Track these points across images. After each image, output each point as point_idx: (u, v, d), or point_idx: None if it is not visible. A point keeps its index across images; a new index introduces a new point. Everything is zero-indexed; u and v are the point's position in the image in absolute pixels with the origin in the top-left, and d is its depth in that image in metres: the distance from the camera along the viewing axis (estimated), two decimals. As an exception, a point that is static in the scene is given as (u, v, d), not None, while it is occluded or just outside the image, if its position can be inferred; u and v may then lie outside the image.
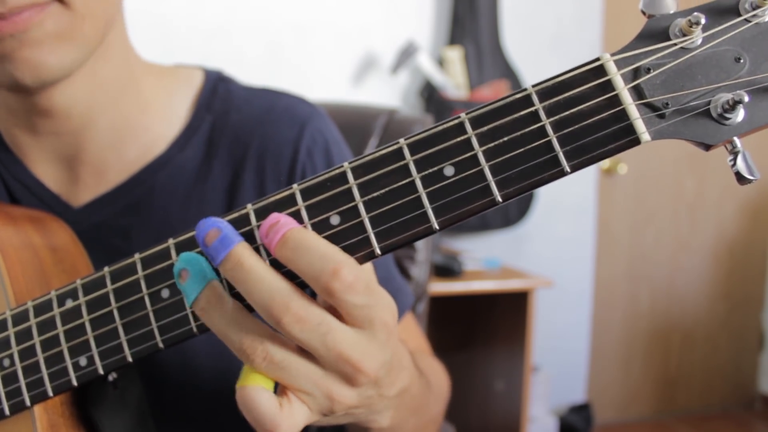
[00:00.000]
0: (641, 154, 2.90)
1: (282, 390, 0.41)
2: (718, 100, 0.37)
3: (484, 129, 0.39)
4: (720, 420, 3.16)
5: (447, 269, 2.13)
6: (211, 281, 0.41)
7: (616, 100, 0.38)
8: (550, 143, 0.38)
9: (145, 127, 0.66)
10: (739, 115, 0.37)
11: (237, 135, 0.67)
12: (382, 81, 2.52)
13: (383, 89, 2.53)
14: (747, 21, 0.37)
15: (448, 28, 2.55)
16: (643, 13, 0.39)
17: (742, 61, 0.37)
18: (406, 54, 2.39)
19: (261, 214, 0.42)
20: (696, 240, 3.11)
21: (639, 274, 3.05)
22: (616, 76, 0.38)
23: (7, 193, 0.66)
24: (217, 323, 0.41)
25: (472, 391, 2.42)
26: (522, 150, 0.39)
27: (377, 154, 0.41)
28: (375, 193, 0.40)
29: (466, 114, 0.40)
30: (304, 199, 0.41)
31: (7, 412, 0.50)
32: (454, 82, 2.45)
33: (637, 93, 0.38)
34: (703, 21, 0.37)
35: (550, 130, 0.38)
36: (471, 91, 2.47)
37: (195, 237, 0.43)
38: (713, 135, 0.38)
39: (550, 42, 2.70)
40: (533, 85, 0.39)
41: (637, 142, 0.37)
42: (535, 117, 0.38)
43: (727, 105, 0.37)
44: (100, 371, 0.47)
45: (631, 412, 3.13)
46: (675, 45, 0.38)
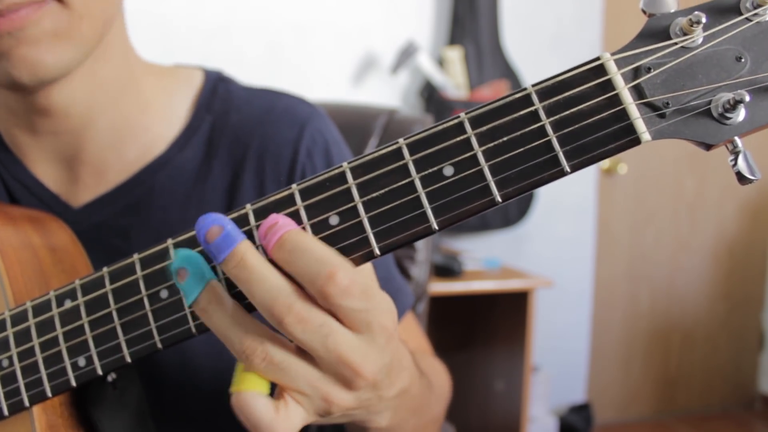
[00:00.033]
0: (641, 154, 2.90)
1: (279, 393, 0.41)
2: (719, 100, 0.37)
3: (484, 129, 0.39)
4: (720, 420, 3.16)
5: (447, 269, 2.13)
6: (211, 281, 0.41)
7: (617, 100, 0.37)
8: (549, 143, 0.38)
9: (145, 127, 0.66)
10: (740, 114, 0.37)
11: (237, 135, 0.67)
12: (382, 81, 2.52)
13: (383, 89, 2.53)
14: (748, 20, 0.37)
15: (448, 28, 2.55)
16: (644, 12, 0.39)
17: (743, 60, 0.37)
18: (406, 54, 2.39)
19: (260, 214, 0.42)
20: (696, 240, 3.10)
21: (639, 274, 3.05)
22: (616, 75, 0.38)
23: (6, 193, 0.65)
24: (217, 324, 0.41)
25: (472, 391, 2.42)
26: (522, 150, 0.38)
27: (376, 154, 0.40)
28: (374, 193, 0.40)
29: (466, 114, 0.39)
30: (303, 199, 0.41)
31: (5, 412, 0.50)
32: (454, 82, 2.45)
33: (638, 92, 0.37)
34: (703, 20, 0.37)
35: (549, 129, 0.38)
36: (471, 91, 2.47)
37: (195, 234, 0.42)
38: (714, 135, 0.37)
39: (550, 42, 2.70)
40: (533, 85, 0.39)
41: (637, 141, 0.37)
42: (534, 117, 0.38)
43: (728, 104, 0.37)
44: (99, 371, 0.47)
45: (631, 412, 3.12)
46: (675, 44, 0.38)
